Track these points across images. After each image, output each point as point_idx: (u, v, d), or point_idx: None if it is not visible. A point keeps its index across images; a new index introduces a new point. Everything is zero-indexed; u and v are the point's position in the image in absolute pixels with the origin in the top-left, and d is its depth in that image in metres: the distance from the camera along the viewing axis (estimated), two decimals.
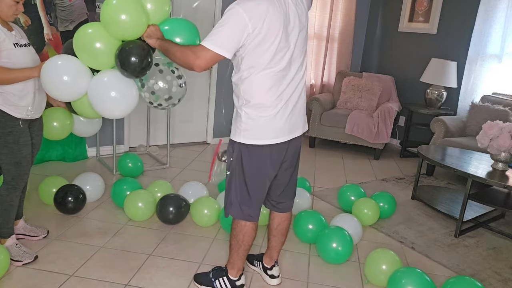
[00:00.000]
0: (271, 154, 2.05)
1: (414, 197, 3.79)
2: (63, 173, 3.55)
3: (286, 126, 2.04)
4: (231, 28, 1.84)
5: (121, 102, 2.45)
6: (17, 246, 2.42)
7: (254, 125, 1.99)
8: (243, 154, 2.04)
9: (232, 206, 2.13)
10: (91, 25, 2.39)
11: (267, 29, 1.86)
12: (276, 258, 2.43)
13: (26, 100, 2.27)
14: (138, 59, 2.28)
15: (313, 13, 5.29)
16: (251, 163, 2.05)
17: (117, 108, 2.47)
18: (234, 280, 2.27)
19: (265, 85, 1.95)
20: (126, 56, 2.28)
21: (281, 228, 2.35)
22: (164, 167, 4.13)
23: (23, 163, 2.33)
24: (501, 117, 4.06)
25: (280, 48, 1.93)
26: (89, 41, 2.33)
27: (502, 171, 3.22)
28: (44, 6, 3.59)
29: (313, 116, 5.09)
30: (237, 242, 2.19)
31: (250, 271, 2.52)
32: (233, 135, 2.07)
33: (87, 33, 2.35)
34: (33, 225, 2.70)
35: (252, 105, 1.98)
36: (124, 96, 2.44)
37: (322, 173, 4.36)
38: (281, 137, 2.04)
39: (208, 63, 1.90)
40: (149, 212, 2.98)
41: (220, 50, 1.85)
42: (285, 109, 2.01)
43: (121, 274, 2.37)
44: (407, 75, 5.43)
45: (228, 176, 2.12)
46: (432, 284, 2.23)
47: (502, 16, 4.44)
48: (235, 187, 2.10)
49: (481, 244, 3.09)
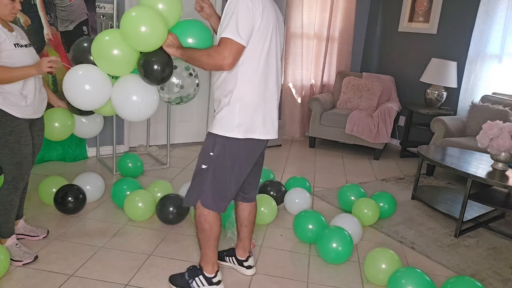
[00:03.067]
0: (262, 145, 2.12)
1: (414, 197, 3.79)
2: (63, 173, 3.55)
3: (274, 119, 2.12)
4: (245, 16, 1.86)
5: (144, 105, 2.59)
6: (17, 246, 2.42)
7: (247, 119, 2.01)
8: (229, 148, 2.04)
9: (204, 195, 2.11)
10: (108, 32, 2.45)
11: (266, 21, 1.92)
12: (249, 249, 2.47)
13: (26, 100, 2.27)
14: (161, 68, 2.36)
15: (313, 13, 5.29)
16: (243, 156, 2.08)
17: (140, 113, 2.62)
18: (210, 278, 2.24)
19: (257, 80, 1.99)
20: (150, 65, 2.35)
21: (251, 216, 2.42)
22: (164, 167, 4.13)
23: (24, 163, 2.33)
24: (501, 117, 4.06)
25: (272, 45, 1.99)
26: (106, 49, 2.40)
27: (502, 171, 3.22)
28: (44, 6, 3.60)
29: (313, 116, 5.09)
30: (205, 234, 2.17)
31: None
32: (218, 129, 2.05)
33: (104, 40, 2.42)
34: (33, 225, 2.70)
35: (243, 100, 1.99)
36: (147, 100, 2.59)
37: (322, 173, 4.36)
38: (272, 132, 2.10)
39: (236, 58, 1.91)
40: (149, 212, 2.98)
41: (242, 40, 1.87)
42: (272, 105, 2.09)
43: (121, 274, 2.37)
44: (407, 75, 5.43)
45: (204, 170, 2.10)
46: (432, 284, 2.23)
47: (502, 16, 4.44)
48: (213, 180, 2.09)
49: (481, 244, 3.09)
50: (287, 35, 5.20)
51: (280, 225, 3.12)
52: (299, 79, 5.41)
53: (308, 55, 5.42)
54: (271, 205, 3.07)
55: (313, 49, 5.47)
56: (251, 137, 2.04)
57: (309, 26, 5.30)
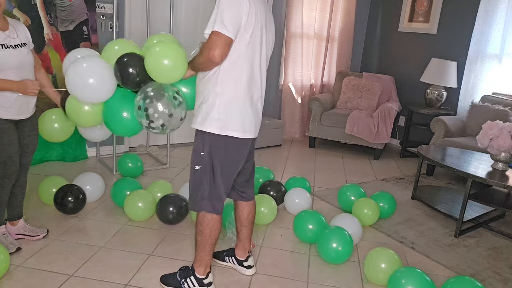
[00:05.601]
0: (246, 145, 2.12)
1: (414, 197, 3.79)
2: (63, 173, 3.55)
3: (255, 119, 2.13)
4: (231, 10, 1.86)
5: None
6: (4, 235, 2.49)
7: (225, 116, 2.00)
8: (217, 146, 2.04)
9: (203, 201, 2.12)
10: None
11: (253, 20, 1.93)
12: (249, 249, 2.47)
13: (7, 102, 2.26)
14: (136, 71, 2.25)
15: (313, 13, 5.29)
16: (227, 155, 2.07)
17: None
18: (201, 279, 2.24)
19: (240, 79, 1.99)
20: (124, 67, 2.27)
21: (251, 216, 2.43)
22: (164, 167, 4.13)
23: (8, 163, 2.34)
24: (501, 117, 4.06)
25: (256, 44, 1.99)
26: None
27: (502, 171, 3.22)
28: (44, 6, 3.59)
29: (313, 116, 5.09)
30: (204, 237, 2.18)
31: (218, 266, 2.52)
32: (198, 124, 2.04)
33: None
34: (32, 225, 2.70)
35: (223, 96, 1.99)
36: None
37: (322, 173, 4.36)
38: (250, 131, 2.10)
39: (224, 49, 1.88)
40: (149, 212, 2.98)
41: (228, 33, 1.86)
42: (254, 105, 2.09)
43: (121, 274, 2.37)
44: (407, 75, 5.43)
45: (198, 171, 2.10)
46: (432, 284, 2.23)
47: (502, 16, 4.44)
48: (208, 181, 2.09)
49: (481, 244, 3.09)
50: (287, 35, 5.19)
51: (280, 225, 3.12)
52: (299, 79, 5.41)
53: (308, 55, 5.41)
54: (271, 205, 3.07)
55: (313, 49, 5.46)
56: (229, 134, 2.02)
57: (309, 26, 5.30)
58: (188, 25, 4.54)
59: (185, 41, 4.11)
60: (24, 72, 2.32)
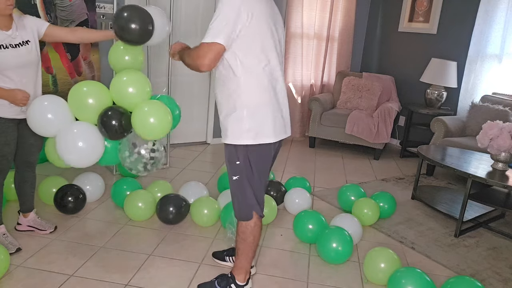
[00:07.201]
0: (275, 145, 2.09)
1: (414, 197, 3.79)
2: (63, 173, 3.54)
3: (285, 118, 2.10)
4: (230, 16, 1.81)
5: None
6: (4, 235, 2.50)
7: (256, 124, 1.96)
8: (250, 154, 2.00)
9: (251, 208, 2.10)
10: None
11: (258, 18, 1.87)
12: None
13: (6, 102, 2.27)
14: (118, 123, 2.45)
15: (313, 13, 5.29)
16: (261, 160, 2.04)
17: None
18: (242, 285, 2.24)
19: (262, 81, 1.96)
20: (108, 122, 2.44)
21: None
22: (164, 167, 4.12)
23: (1, 161, 2.35)
24: (501, 117, 4.06)
25: (269, 42, 1.95)
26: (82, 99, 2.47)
27: (502, 171, 3.22)
28: (44, 6, 3.60)
29: (313, 116, 5.09)
30: (247, 245, 2.15)
31: (218, 266, 2.50)
32: (239, 140, 1.98)
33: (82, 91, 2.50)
34: (42, 219, 2.76)
35: (250, 104, 1.95)
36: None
37: (322, 173, 4.36)
38: (282, 132, 2.07)
39: (213, 59, 1.83)
40: (149, 212, 2.98)
41: (221, 41, 1.81)
42: (281, 105, 2.06)
43: (121, 274, 2.37)
44: (407, 75, 5.43)
45: (237, 181, 2.06)
46: (432, 284, 2.23)
47: (502, 16, 4.44)
48: (250, 188, 2.06)
49: (481, 244, 3.09)
50: (287, 35, 5.19)
51: (280, 225, 3.12)
52: (299, 79, 5.41)
53: (308, 55, 5.41)
54: (271, 205, 3.07)
55: (313, 49, 5.46)
56: (262, 142, 1.99)
57: (309, 26, 5.30)
58: (188, 25, 4.54)
59: (185, 41, 4.09)
60: (25, 72, 2.31)
